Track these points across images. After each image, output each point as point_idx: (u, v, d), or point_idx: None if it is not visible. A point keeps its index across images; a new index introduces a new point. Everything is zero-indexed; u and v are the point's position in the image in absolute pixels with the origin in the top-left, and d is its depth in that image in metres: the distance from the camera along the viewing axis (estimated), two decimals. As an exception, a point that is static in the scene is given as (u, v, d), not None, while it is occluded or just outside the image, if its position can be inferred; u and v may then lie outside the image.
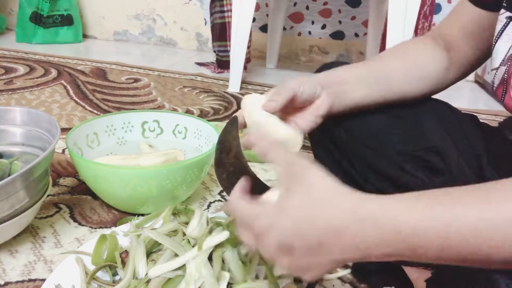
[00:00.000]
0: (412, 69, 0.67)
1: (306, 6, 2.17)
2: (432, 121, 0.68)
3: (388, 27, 1.52)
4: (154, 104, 1.53)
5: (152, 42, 2.47)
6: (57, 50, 2.19)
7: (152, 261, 0.63)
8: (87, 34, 2.54)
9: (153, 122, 1.04)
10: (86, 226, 0.84)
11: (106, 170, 0.80)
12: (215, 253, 0.62)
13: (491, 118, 1.55)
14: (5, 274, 0.71)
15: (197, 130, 1.01)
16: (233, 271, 0.61)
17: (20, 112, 0.89)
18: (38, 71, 1.82)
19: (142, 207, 0.85)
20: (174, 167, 0.81)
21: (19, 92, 1.57)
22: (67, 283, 0.62)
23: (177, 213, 0.73)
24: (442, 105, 0.71)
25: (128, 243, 0.68)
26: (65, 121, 1.34)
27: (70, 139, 0.88)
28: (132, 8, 2.44)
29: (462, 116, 0.72)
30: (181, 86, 1.75)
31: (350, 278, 0.72)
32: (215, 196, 0.97)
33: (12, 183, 0.67)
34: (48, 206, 0.89)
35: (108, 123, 1.00)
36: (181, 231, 0.67)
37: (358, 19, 2.13)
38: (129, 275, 0.60)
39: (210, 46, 2.12)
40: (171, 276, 0.59)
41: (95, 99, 1.54)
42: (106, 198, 0.88)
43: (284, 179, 0.44)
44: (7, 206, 0.69)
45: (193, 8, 2.34)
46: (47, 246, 0.78)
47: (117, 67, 1.96)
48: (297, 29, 2.23)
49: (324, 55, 2.25)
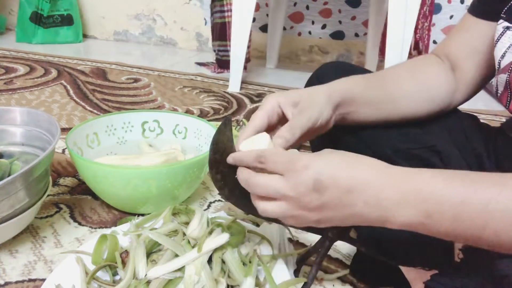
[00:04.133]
0: (422, 92, 0.66)
1: (306, 6, 2.17)
2: (433, 120, 0.68)
3: (388, 27, 1.52)
4: (154, 104, 1.53)
5: (152, 42, 2.47)
6: (57, 50, 2.19)
7: (152, 261, 0.62)
8: (87, 34, 2.54)
9: (153, 122, 1.04)
10: (86, 226, 0.84)
11: (106, 170, 0.80)
12: (215, 254, 0.62)
13: (491, 118, 1.55)
14: (5, 274, 0.71)
15: (197, 130, 1.01)
16: (233, 272, 0.61)
17: (20, 112, 0.89)
18: (38, 71, 1.82)
19: (142, 207, 0.85)
20: (174, 167, 0.80)
21: (19, 92, 1.57)
22: (67, 283, 0.62)
23: (177, 213, 0.73)
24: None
25: (128, 243, 0.68)
26: (65, 121, 1.34)
27: (70, 139, 0.88)
28: (132, 8, 2.44)
29: (462, 116, 0.72)
30: (181, 86, 1.75)
31: (349, 278, 0.72)
32: (215, 196, 0.97)
33: (12, 183, 0.67)
34: (48, 206, 0.89)
35: (108, 123, 1.00)
36: (181, 231, 0.67)
37: (358, 19, 2.13)
38: (129, 275, 0.60)
39: (210, 46, 2.12)
40: (171, 278, 0.59)
41: (95, 99, 1.54)
42: (106, 198, 0.88)
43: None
44: (7, 206, 0.69)
45: (193, 8, 2.34)
46: (47, 246, 0.78)
47: (117, 67, 1.96)
48: (297, 29, 2.23)
49: (324, 55, 2.25)
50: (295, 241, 0.81)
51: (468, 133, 0.68)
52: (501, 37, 0.60)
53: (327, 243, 0.63)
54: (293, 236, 0.81)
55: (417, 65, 0.70)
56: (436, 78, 0.67)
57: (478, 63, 0.67)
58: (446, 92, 0.67)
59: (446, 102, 0.68)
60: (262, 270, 0.63)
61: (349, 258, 0.77)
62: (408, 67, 0.70)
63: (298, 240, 0.81)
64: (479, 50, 0.66)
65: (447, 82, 0.67)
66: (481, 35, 0.66)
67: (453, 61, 0.68)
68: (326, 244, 0.63)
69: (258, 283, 0.61)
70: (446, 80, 0.67)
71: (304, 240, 0.81)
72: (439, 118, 0.69)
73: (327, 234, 0.63)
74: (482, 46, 0.66)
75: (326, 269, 0.75)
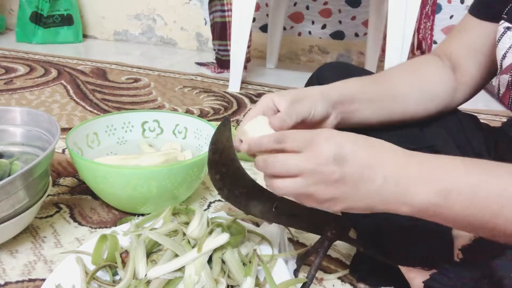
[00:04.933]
0: (422, 91, 0.67)
1: (306, 6, 2.17)
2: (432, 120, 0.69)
3: (388, 27, 1.52)
4: (154, 104, 1.53)
5: (152, 42, 2.47)
6: (57, 50, 2.19)
7: (152, 261, 0.63)
8: (87, 34, 2.54)
9: (153, 122, 1.04)
10: (86, 226, 0.84)
11: (106, 170, 0.80)
12: (215, 254, 0.62)
13: (491, 118, 1.55)
14: (5, 274, 0.71)
15: (197, 130, 1.01)
16: (233, 272, 0.61)
17: (20, 112, 0.89)
18: (38, 71, 1.83)
19: (142, 207, 0.85)
20: (174, 167, 0.81)
21: (19, 92, 1.57)
22: (67, 283, 0.62)
23: (177, 213, 0.73)
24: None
25: (128, 243, 0.68)
26: (65, 121, 1.34)
27: (70, 139, 0.88)
28: (132, 8, 2.44)
29: (462, 116, 0.72)
30: (181, 86, 1.75)
31: (349, 278, 0.72)
32: (215, 196, 0.97)
33: (12, 183, 0.67)
34: (48, 206, 0.89)
35: (108, 123, 1.00)
36: (181, 231, 0.67)
37: (358, 19, 2.13)
38: (129, 275, 0.60)
39: (210, 46, 2.12)
40: (171, 278, 0.59)
41: (95, 99, 1.54)
42: (106, 198, 0.88)
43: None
44: (7, 206, 0.69)
45: (193, 8, 2.34)
46: (47, 246, 0.78)
47: (117, 67, 1.96)
48: (297, 29, 2.23)
49: (324, 55, 2.25)
50: (295, 241, 0.81)
51: (468, 133, 0.68)
52: (502, 37, 0.60)
53: (326, 243, 0.63)
54: (293, 236, 0.81)
55: (416, 65, 0.70)
56: (435, 78, 0.67)
57: (478, 63, 0.67)
58: (446, 92, 0.67)
59: (446, 102, 0.68)
60: (262, 270, 0.63)
61: (349, 258, 0.77)
62: (407, 67, 0.70)
63: (298, 240, 0.81)
64: (479, 50, 0.66)
65: (446, 82, 0.67)
66: (481, 36, 0.66)
67: (453, 61, 0.68)
68: (326, 244, 0.63)
69: (258, 283, 0.61)
70: (446, 80, 0.67)
71: (304, 240, 0.81)
72: (439, 118, 0.69)
73: (327, 234, 0.63)
74: (482, 46, 0.66)
75: (326, 269, 0.75)
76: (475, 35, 0.67)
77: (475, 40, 0.67)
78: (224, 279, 0.60)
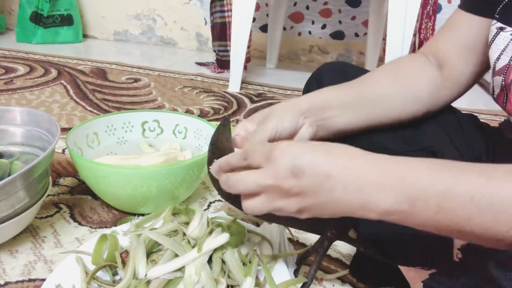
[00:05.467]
0: (404, 91, 0.65)
1: (306, 6, 2.17)
2: (430, 121, 0.68)
3: (388, 27, 1.52)
4: (154, 104, 1.53)
5: (152, 42, 2.47)
6: (57, 50, 2.19)
7: (152, 261, 0.63)
8: (87, 34, 2.54)
9: (153, 122, 1.05)
10: (86, 226, 0.84)
11: (106, 170, 0.80)
12: (215, 254, 0.62)
13: (491, 118, 1.55)
14: (5, 274, 0.71)
15: (197, 130, 1.01)
16: (233, 272, 0.61)
17: (20, 112, 0.89)
18: (38, 71, 1.83)
19: (142, 207, 0.85)
20: (174, 167, 0.81)
21: (19, 92, 1.57)
22: (67, 283, 0.62)
23: (177, 213, 0.73)
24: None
25: (128, 243, 0.69)
26: (65, 121, 1.34)
27: (70, 139, 0.88)
28: (132, 8, 2.44)
29: (462, 116, 0.71)
30: (181, 86, 1.75)
31: (349, 278, 0.72)
32: (215, 196, 0.97)
33: (12, 183, 0.67)
34: (48, 206, 0.89)
35: (108, 123, 1.00)
36: (181, 231, 0.67)
37: (358, 19, 2.13)
38: (129, 275, 0.60)
39: (210, 46, 2.12)
40: (171, 278, 0.59)
41: (95, 99, 1.54)
42: (106, 198, 0.88)
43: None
44: (7, 206, 0.69)
45: (193, 8, 2.34)
46: (47, 246, 0.78)
47: (117, 67, 1.96)
48: (297, 29, 2.23)
49: (324, 55, 2.25)
50: (295, 241, 0.81)
51: (467, 133, 0.68)
52: (495, 38, 0.59)
53: (326, 243, 0.63)
54: (293, 236, 0.81)
55: (398, 65, 0.69)
56: (418, 76, 0.66)
57: (467, 59, 0.65)
58: (430, 90, 0.66)
59: (431, 100, 0.67)
60: (262, 270, 0.63)
61: (349, 258, 0.77)
62: (389, 68, 0.69)
63: (298, 240, 0.81)
64: (468, 46, 0.65)
65: (431, 79, 0.66)
66: (471, 31, 0.64)
67: (440, 59, 0.67)
68: (326, 244, 0.63)
69: (258, 283, 0.61)
70: (430, 76, 0.66)
71: (304, 240, 0.81)
72: (437, 118, 0.68)
73: (326, 234, 0.63)
74: (472, 42, 0.64)
75: (326, 269, 0.75)
76: (465, 30, 0.65)
77: (464, 35, 0.65)
78: (224, 279, 0.60)
